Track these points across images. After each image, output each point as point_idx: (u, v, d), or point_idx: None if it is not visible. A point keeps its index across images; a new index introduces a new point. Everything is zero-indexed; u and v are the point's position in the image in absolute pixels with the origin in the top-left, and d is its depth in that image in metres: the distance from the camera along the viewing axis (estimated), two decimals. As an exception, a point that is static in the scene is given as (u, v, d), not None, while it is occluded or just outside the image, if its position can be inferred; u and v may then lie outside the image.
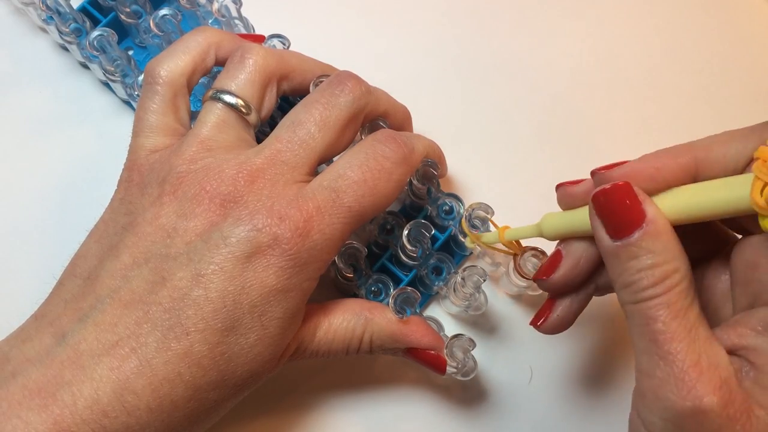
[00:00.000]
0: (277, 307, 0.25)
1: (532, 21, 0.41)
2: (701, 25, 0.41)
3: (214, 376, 0.24)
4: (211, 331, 0.24)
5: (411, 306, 0.30)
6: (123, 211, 0.27)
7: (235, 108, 0.27)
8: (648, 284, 0.21)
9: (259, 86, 0.28)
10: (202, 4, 0.36)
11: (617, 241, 0.22)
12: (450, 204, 0.33)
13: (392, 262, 0.33)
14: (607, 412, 0.33)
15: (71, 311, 0.25)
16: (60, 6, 0.34)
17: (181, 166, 0.26)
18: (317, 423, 0.33)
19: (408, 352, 0.30)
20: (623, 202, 0.22)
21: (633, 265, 0.22)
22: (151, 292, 0.24)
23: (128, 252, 0.25)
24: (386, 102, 0.31)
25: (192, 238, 0.25)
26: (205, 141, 0.27)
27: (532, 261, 0.31)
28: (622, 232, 0.22)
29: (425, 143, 0.31)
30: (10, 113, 0.37)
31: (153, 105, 0.28)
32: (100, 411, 0.23)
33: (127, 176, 0.28)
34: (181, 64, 0.28)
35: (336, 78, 0.29)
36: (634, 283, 0.22)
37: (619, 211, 0.22)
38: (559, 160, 0.38)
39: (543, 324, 0.27)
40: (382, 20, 0.40)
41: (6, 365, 0.24)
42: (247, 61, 0.28)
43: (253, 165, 0.26)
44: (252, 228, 0.25)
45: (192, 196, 0.25)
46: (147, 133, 0.28)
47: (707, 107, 0.40)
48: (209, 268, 0.24)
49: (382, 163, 0.27)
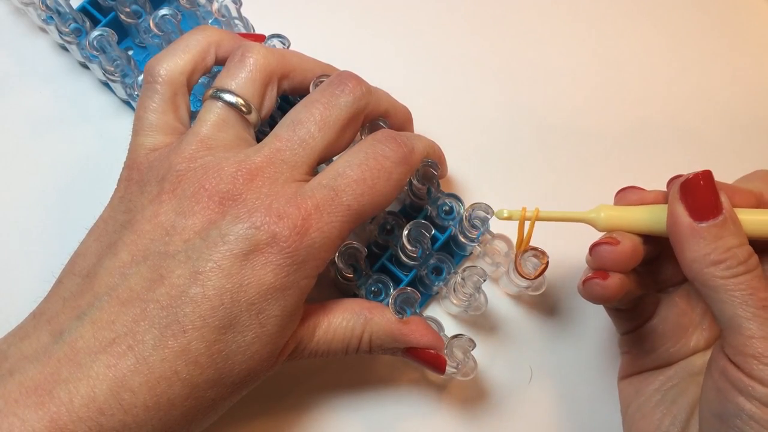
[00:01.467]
0: (274, 305, 0.25)
1: (533, 22, 0.41)
2: (701, 25, 0.41)
3: (212, 374, 0.24)
4: (209, 329, 0.24)
5: (411, 306, 0.30)
6: (122, 209, 0.27)
7: (235, 107, 0.27)
8: (743, 259, 0.24)
9: (259, 85, 0.28)
10: (202, 4, 0.36)
11: (702, 223, 0.25)
12: (450, 204, 0.33)
13: (392, 262, 0.33)
14: (607, 411, 0.33)
15: (69, 309, 0.25)
16: (60, 6, 0.34)
17: (180, 165, 0.26)
18: (316, 422, 0.33)
19: (407, 351, 0.30)
20: (709, 187, 0.25)
21: (722, 244, 0.24)
22: (149, 289, 0.24)
23: (127, 250, 0.25)
24: (387, 102, 0.31)
25: (190, 235, 0.25)
26: (204, 140, 0.27)
27: (532, 261, 0.31)
28: (707, 215, 0.25)
29: (425, 143, 0.31)
30: (10, 113, 0.37)
31: (152, 104, 0.28)
32: (97, 409, 0.23)
33: (127, 174, 0.28)
34: (181, 62, 0.28)
35: (337, 78, 0.29)
36: (729, 260, 0.24)
37: (704, 196, 0.25)
38: (558, 161, 0.38)
39: (603, 282, 0.27)
40: (382, 20, 0.40)
41: (4, 363, 0.24)
42: (247, 60, 0.28)
43: (253, 163, 0.26)
44: (250, 226, 0.25)
45: (191, 194, 0.26)
46: (146, 131, 0.28)
47: (707, 107, 0.40)
48: (207, 266, 0.24)
49: (382, 163, 0.27)
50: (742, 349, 0.24)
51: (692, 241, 0.25)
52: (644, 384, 0.30)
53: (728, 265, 0.24)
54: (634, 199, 0.29)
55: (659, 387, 0.29)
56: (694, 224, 0.25)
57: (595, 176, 0.38)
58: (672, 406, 0.28)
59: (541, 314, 0.35)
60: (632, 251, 0.27)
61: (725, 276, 0.24)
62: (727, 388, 0.24)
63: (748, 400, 0.24)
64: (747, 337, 0.24)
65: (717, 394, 0.25)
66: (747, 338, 0.24)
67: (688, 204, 0.25)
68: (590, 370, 0.34)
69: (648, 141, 0.39)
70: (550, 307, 0.35)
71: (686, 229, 0.25)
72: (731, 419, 0.24)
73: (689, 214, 0.25)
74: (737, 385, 0.24)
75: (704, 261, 0.25)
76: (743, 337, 0.24)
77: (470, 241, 0.32)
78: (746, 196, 0.27)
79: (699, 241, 0.25)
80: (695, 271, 0.25)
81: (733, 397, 0.24)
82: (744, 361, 0.24)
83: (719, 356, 0.25)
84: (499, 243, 0.33)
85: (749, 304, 0.24)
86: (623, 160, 0.38)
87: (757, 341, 0.24)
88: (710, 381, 0.26)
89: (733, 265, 0.24)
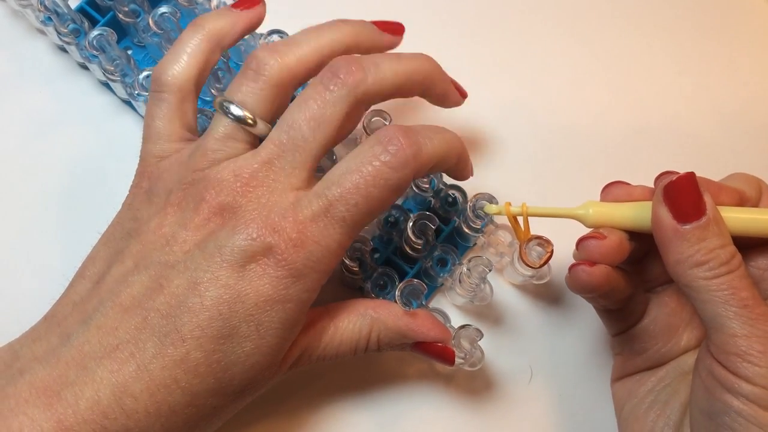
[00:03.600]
0: (274, 317, 0.25)
1: (533, 21, 0.41)
2: (701, 26, 0.41)
3: (212, 382, 0.25)
4: (207, 338, 0.24)
5: (417, 298, 0.30)
6: (130, 216, 0.27)
7: (241, 120, 0.27)
8: (725, 260, 0.24)
9: (268, 96, 0.27)
10: (200, 2, 0.36)
11: (686, 225, 0.25)
12: (453, 195, 0.33)
13: (397, 255, 0.33)
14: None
15: (78, 313, 0.25)
16: (58, 7, 0.34)
17: (186, 177, 0.26)
18: (321, 420, 0.33)
19: (416, 346, 0.30)
20: (692, 189, 0.25)
21: (705, 246, 0.25)
22: (150, 298, 0.25)
23: (132, 258, 0.26)
24: (394, 77, 0.28)
25: (190, 247, 0.25)
26: (209, 153, 0.27)
27: (537, 250, 0.31)
28: (690, 217, 0.25)
29: (441, 141, 0.27)
30: (10, 115, 0.37)
31: (160, 112, 0.28)
32: (101, 412, 0.23)
33: (137, 182, 0.28)
34: (187, 68, 0.28)
35: (328, 69, 0.27)
36: (711, 261, 0.25)
37: (687, 198, 0.25)
38: (558, 158, 0.38)
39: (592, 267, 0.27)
40: (382, 17, 0.40)
41: (16, 362, 0.25)
42: (260, 70, 0.27)
43: (250, 171, 0.26)
44: (246, 237, 0.25)
45: (193, 207, 0.26)
46: (155, 139, 0.28)
47: (707, 108, 0.40)
48: (205, 277, 0.24)
49: (378, 168, 0.25)
50: (726, 348, 0.24)
51: (676, 243, 0.25)
52: (637, 386, 0.30)
53: (710, 267, 0.25)
54: (621, 194, 0.29)
55: (652, 388, 0.30)
56: (677, 226, 0.25)
57: (595, 175, 0.37)
58: (665, 407, 0.28)
59: (546, 304, 0.35)
60: (618, 245, 0.27)
61: (707, 277, 0.25)
62: (715, 386, 0.24)
63: (735, 398, 0.24)
64: (730, 335, 0.24)
65: (705, 393, 0.25)
66: (730, 337, 0.24)
67: (671, 206, 0.25)
68: (596, 359, 0.34)
69: (647, 141, 0.39)
70: (555, 296, 0.35)
71: (670, 231, 0.25)
72: (720, 417, 0.24)
73: (673, 216, 0.25)
74: (724, 383, 0.24)
75: (687, 263, 0.25)
76: (726, 336, 0.24)
77: (474, 231, 0.32)
78: (730, 193, 0.27)
79: (682, 243, 0.25)
80: (679, 273, 0.25)
81: (720, 395, 0.24)
82: (728, 360, 0.24)
83: (705, 356, 0.25)
84: (502, 233, 0.33)
85: (731, 304, 0.24)
86: (623, 160, 0.38)
87: (740, 339, 0.24)
88: (698, 380, 0.26)
89: (715, 266, 0.24)
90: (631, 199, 0.28)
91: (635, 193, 0.28)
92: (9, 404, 0.23)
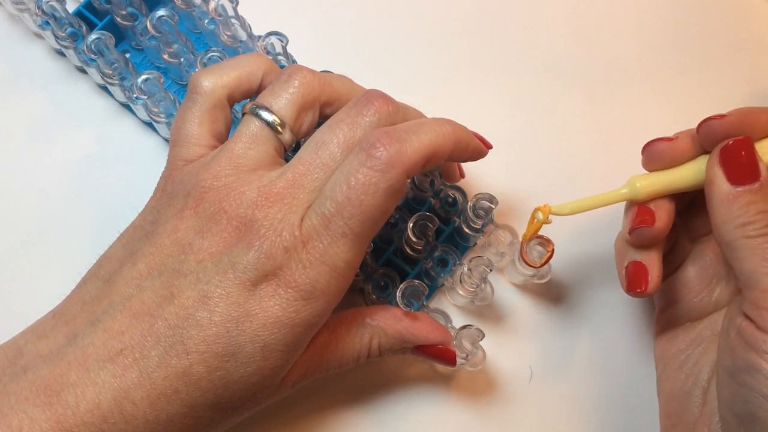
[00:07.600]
0: (280, 339, 0.25)
1: (532, 21, 0.41)
2: (701, 25, 0.41)
3: (212, 397, 0.25)
4: (211, 354, 0.24)
5: (418, 299, 0.30)
6: (150, 218, 0.27)
7: (270, 125, 0.27)
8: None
9: (298, 107, 0.27)
10: (198, 4, 0.36)
11: (739, 187, 0.26)
12: (453, 195, 0.33)
13: (397, 256, 0.33)
14: (617, 395, 0.33)
15: (86, 313, 0.25)
16: (56, 11, 0.34)
17: (205, 181, 0.26)
18: (322, 421, 0.33)
19: (417, 349, 0.30)
20: (748, 154, 0.26)
21: (753, 208, 0.26)
22: (159, 306, 0.25)
23: (145, 261, 0.26)
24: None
25: (204, 257, 0.25)
26: (233, 157, 0.26)
27: (538, 249, 0.31)
28: (744, 180, 0.26)
29: (427, 134, 0.26)
30: (8, 119, 0.37)
31: (190, 115, 0.28)
32: (101, 416, 0.23)
33: (162, 185, 0.28)
34: (225, 78, 0.28)
35: (363, 97, 0.27)
36: (758, 221, 0.25)
37: (744, 162, 0.26)
38: (558, 155, 0.38)
39: (648, 287, 0.28)
40: (380, 17, 0.40)
41: (19, 359, 0.25)
42: (292, 81, 0.27)
43: (274, 189, 0.26)
44: (259, 255, 0.25)
45: (211, 215, 0.25)
46: (183, 142, 0.28)
47: (707, 108, 0.39)
48: (216, 291, 0.24)
49: (366, 175, 0.25)
50: (758, 303, 0.25)
51: (725, 204, 0.26)
52: (670, 345, 0.31)
53: (756, 227, 0.25)
54: (665, 149, 0.29)
55: (684, 348, 0.30)
56: (730, 188, 0.26)
57: (597, 173, 0.38)
58: (695, 367, 0.29)
59: (547, 303, 0.35)
60: (669, 221, 0.28)
61: (751, 236, 0.25)
62: (740, 344, 0.25)
63: (759, 355, 0.24)
64: (763, 291, 0.25)
65: (730, 352, 0.26)
66: (763, 292, 0.25)
67: (726, 169, 0.26)
68: (596, 359, 0.34)
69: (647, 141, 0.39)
70: (556, 296, 0.35)
71: (722, 193, 0.26)
72: (741, 375, 0.25)
73: (727, 178, 0.26)
74: (749, 340, 0.25)
75: (734, 223, 0.26)
76: (760, 291, 0.25)
77: (475, 231, 0.32)
78: None
79: (732, 205, 0.26)
80: (723, 233, 0.26)
81: (744, 353, 0.25)
82: (759, 315, 0.25)
83: (735, 314, 0.26)
84: (503, 233, 0.33)
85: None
86: (623, 160, 0.38)
87: None
88: (725, 339, 0.26)
89: (760, 226, 0.25)
90: (674, 155, 0.29)
91: (679, 147, 0.29)
92: (9, 401, 0.23)
